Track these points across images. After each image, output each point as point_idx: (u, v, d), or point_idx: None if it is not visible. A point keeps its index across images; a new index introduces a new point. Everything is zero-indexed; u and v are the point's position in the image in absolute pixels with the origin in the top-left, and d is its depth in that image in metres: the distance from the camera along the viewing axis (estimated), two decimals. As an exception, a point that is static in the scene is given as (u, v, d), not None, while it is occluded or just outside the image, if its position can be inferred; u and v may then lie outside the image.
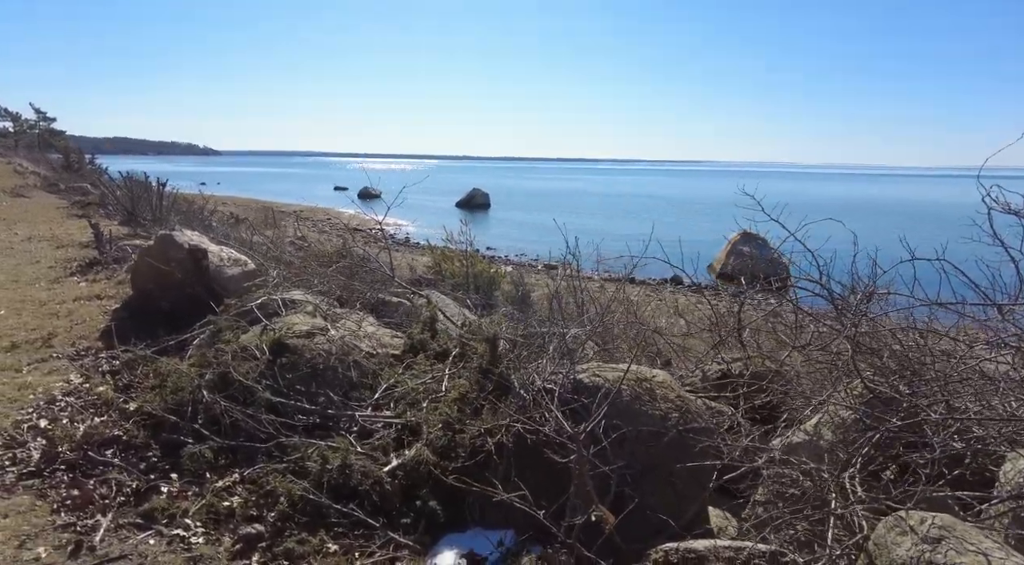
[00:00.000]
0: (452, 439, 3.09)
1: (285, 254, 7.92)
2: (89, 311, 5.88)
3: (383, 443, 3.31)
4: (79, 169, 27.76)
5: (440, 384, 3.91)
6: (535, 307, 13.25)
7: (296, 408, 3.62)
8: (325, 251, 8.72)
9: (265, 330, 4.34)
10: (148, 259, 5.68)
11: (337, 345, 4.17)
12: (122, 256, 8.15)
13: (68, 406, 3.86)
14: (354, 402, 3.82)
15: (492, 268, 14.92)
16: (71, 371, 4.39)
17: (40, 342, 4.94)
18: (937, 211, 51.81)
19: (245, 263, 5.84)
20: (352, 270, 7.47)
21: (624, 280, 8.58)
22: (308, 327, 4.43)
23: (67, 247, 10.02)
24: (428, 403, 3.62)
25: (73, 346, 4.90)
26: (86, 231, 11.65)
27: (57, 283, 7.28)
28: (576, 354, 3.34)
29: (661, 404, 3.09)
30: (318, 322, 4.60)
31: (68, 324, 5.43)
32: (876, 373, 3.06)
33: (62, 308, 5.96)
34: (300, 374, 3.84)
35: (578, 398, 3.01)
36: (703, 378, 4.01)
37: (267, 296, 4.86)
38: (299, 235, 13.20)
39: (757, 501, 2.85)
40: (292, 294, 5.09)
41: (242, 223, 17.56)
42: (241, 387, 3.69)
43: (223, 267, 5.66)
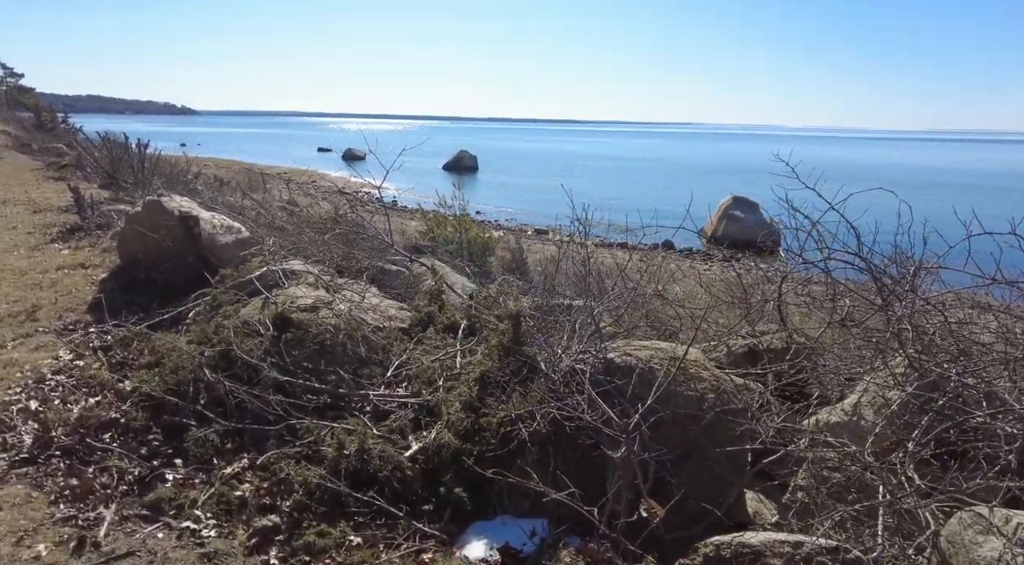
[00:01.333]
0: (475, 422, 2.92)
1: (277, 220, 7.60)
2: (74, 281, 5.58)
3: (400, 425, 3.13)
4: (52, 128, 26.69)
5: (454, 360, 3.73)
6: (532, 274, 13.07)
7: (305, 387, 3.41)
8: (319, 217, 8.41)
9: (267, 304, 4.10)
10: (136, 227, 5.36)
11: (344, 319, 3.95)
12: (105, 222, 7.78)
13: (59, 385, 3.62)
14: (365, 380, 3.62)
15: (486, 233, 14.66)
16: (60, 347, 4.14)
17: (24, 315, 4.66)
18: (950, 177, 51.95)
19: (239, 230, 5.55)
20: (349, 237, 7.21)
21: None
22: (312, 300, 4.20)
23: (45, 212, 9.58)
24: (444, 381, 3.44)
25: (60, 320, 4.63)
26: (64, 195, 11.17)
27: (37, 251, 6.93)
28: (601, 329, 3.15)
29: (696, 384, 2.93)
30: (322, 294, 4.36)
31: (53, 295, 5.14)
32: (922, 351, 2.92)
33: (45, 278, 5.65)
34: (307, 351, 3.63)
35: (610, 379, 2.84)
36: (728, 353, 3.87)
37: (266, 266, 4.60)
38: (287, 199, 12.78)
39: (799, 486, 2.73)
40: (291, 264, 4.83)
41: (227, 186, 17.05)
42: (245, 365, 3.47)
43: (216, 235, 5.36)
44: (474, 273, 8.67)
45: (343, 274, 5.71)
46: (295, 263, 4.88)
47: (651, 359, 2.97)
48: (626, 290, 4.28)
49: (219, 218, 5.62)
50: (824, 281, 3.73)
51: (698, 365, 3.07)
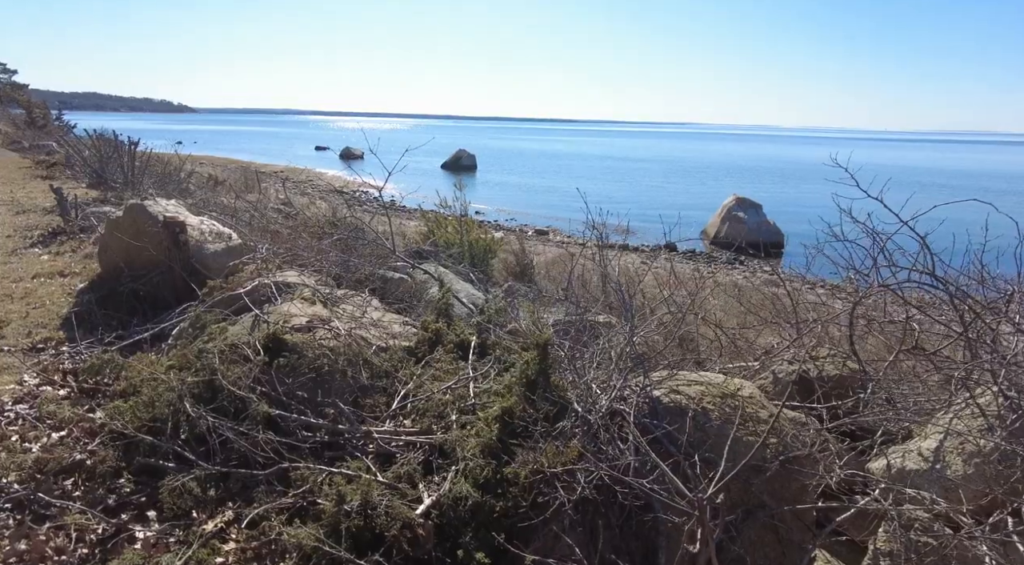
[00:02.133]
0: (498, 471, 2.49)
1: (272, 223, 7.15)
2: (50, 292, 5.13)
3: (409, 470, 2.70)
4: (44, 126, 26.13)
5: (467, 387, 3.31)
6: (538, 279, 12.62)
7: (300, 423, 2.98)
8: (316, 220, 7.96)
9: (257, 323, 3.67)
10: (117, 233, 4.92)
11: (344, 341, 3.52)
12: (90, 225, 7.33)
13: (19, 418, 3.18)
14: (367, 412, 3.19)
15: (488, 235, 14.19)
16: (25, 370, 3.69)
17: (-9, 331, 4.22)
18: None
19: (229, 237, 5.10)
20: (348, 243, 6.77)
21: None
22: (307, 318, 3.76)
23: (29, 213, 9.12)
24: (458, 415, 3.01)
25: (29, 337, 4.18)
26: (50, 195, 10.70)
27: (15, 256, 6.47)
28: (645, 360, 2.72)
29: (755, 426, 2.51)
30: (319, 311, 3.93)
31: (24, 308, 4.69)
32: (1011, 386, 2.51)
33: (18, 287, 5.20)
34: (302, 379, 3.19)
35: (658, 423, 2.42)
36: (774, 381, 3.45)
37: (258, 279, 4.16)
38: (283, 199, 12.32)
39: (880, 550, 2.32)
40: (286, 276, 4.39)
41: (221, 185, 16.57)
42: (232, 396, 3.04)
43: (204, 243, 4.92)
44: (477, 278, 8.25)
45: (341, 283, 5.28)
46: (290, 274, 4.44)
47: (702, 397, 2.55)
48: (677, 313, 3.84)
49: (208, 223, 5.17)
50: (885, 301, 3.32)
51: (754, 402, 2.65)
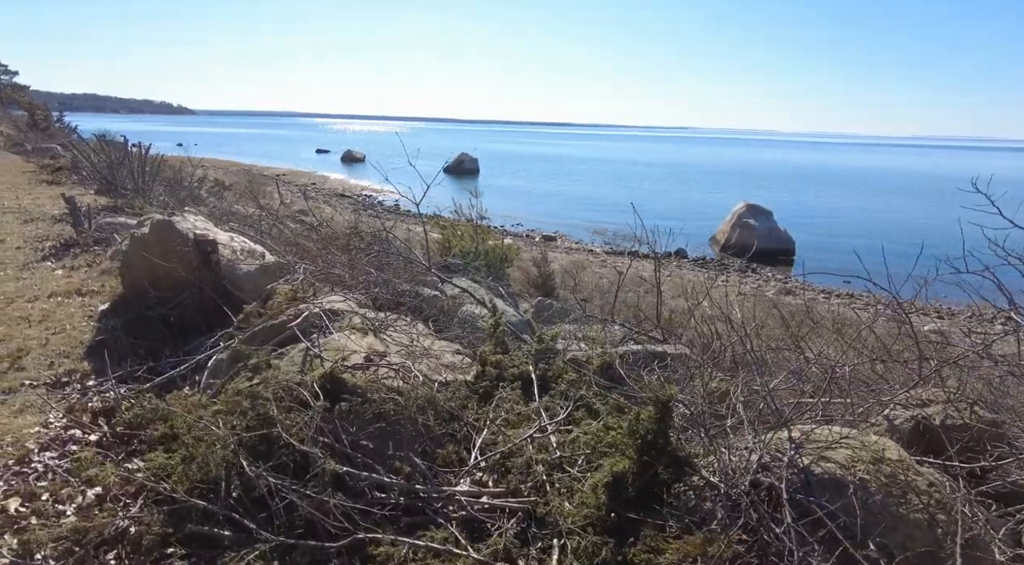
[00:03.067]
0: (617, 553, 2.11)
1: (297, 236, 6.77)
2: (69, 314, 4.73)
3: (506, 544, 2.32)
4: (47, 128, 25.69)
5: (546, 434, 2.94)
6: (560, 291, 12.24)
7: (372, 482, 2.60)
8: (341, 231, 7.58)
9: (308, 358, 3.29)
10: (142, 251, 4.53)
11: (408, 379, 3.15)
12: (104, 237, 6.93)
13: (48, 471, 2.79)
14: (440, 465, 2.82)
15: (503, 243, 13.81)
16: (50, 409, 3.30)
17: (8, 361, 3.82)
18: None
19: (262, 256, 4.72)
20: (381, 259, 6.41)
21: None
22: (364, 351, 3.39)
23: (37, 221, 8.72)
24: (547, 472, 2.63)
25: (51, 368, 3.79)
26: (58, 201, 10.30)
27: (27, 270, 6.07)
28: (788, 420, 2.34)
29: (918, 500, 2.15)
30: (374, 343, 3.55)
31: (43, 334, 4.30)
32: None
33: (35, 309, 4.81)
34: (368, 428, 2.82)
35: (815, 499, 2.05)
36: (890, 429, 3.10)
37: (306, 311, 3.77)
38: (297, 208, 11.94)
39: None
40: (331, 301, 4.00)
41: (228, 190, 16.17)
42: (291, 449, 2.66)
43: (236, 262, 4.54)
44: (507, 293, 7.88)
45: (377, 304, 4.92)
46: (335, 299, 4.06)
47: (854, 464, 2.18)
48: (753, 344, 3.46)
49: (239, 241, 4.79)
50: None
51: (905, 466, 2.29)
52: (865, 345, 3.59)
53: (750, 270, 21.17)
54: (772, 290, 17.85)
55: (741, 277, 19.95)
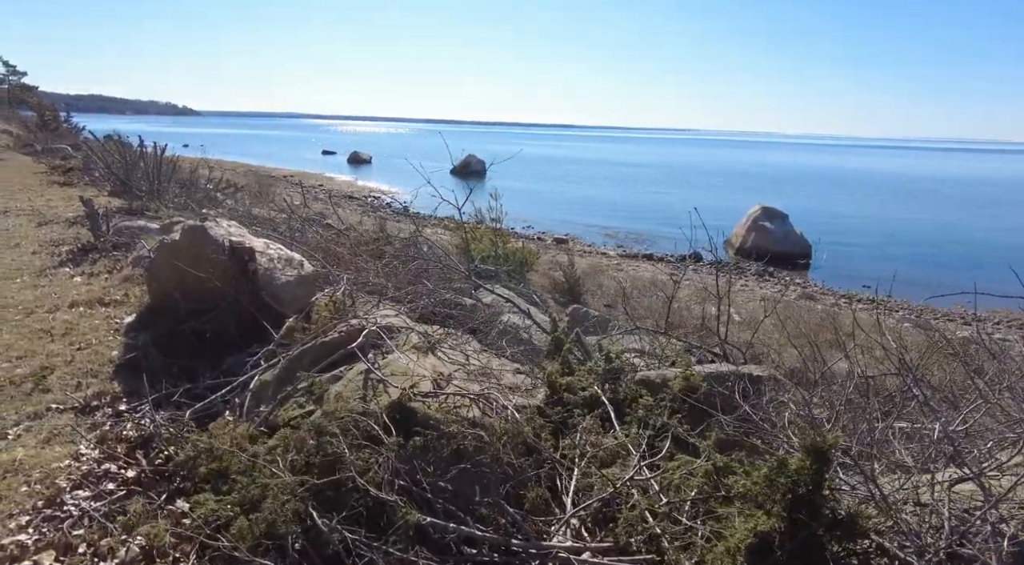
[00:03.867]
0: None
1: (325, 241, 6.42)
2: (93, 326, 4.38)
3: (629, 614, 1.97)
4: (56, 128, 25.40)
5: (644, 473, 2.58)
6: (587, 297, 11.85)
7: (460, 536, 2.24)
8: (369, 236, 7.24)
9: (372, 383, 2.93)
10: (172, 259, 4.18)
11: (487, 408, 2.79)
12: (123, 242, 6.59)
13: (85, 515, 2.43)
14: (529, 509, 2.46)
15: (525, 247, 13.46)
16: (81, 439, 2.95)
17: (31, 382, 3.46)
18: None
19: (300, 264, 4.37)
20: (418, 265, 6.06)
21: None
22: (429, 373, 3.03)
23: (52, 224, 8.38)
24: (662, 525, 2.27)
25: (79, 390, 3.43)
26: (72, 203, 9.98)
27: (44, 277, 5.73)
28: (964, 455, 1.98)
29: None
30: (437, 365, 3.19)
31: (68, 350, 3.94)
32: None
33: (56, 321, 4.46)
34: (449, 469, 2.45)
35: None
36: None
37: (357, 321, 3.41)
38: (317, 212, 11.59)
39: None
40: (383, 315, 3.64)
41: (240, 191, 15.84)
42: (363, 493, 2.30)
43: (274, 270, 4.18)
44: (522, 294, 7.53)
45: (418, 315, 4.57)
46: (387, 313, 3.69)
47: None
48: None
49: (275, 248, 4.44)
50: None
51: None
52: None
53: (767, 274, 20.78)
54: (793, 295, 17.47)
55: (759, 281, 19.57)
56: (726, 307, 5.05)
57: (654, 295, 13.22)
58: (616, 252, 22.87)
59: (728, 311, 6.07)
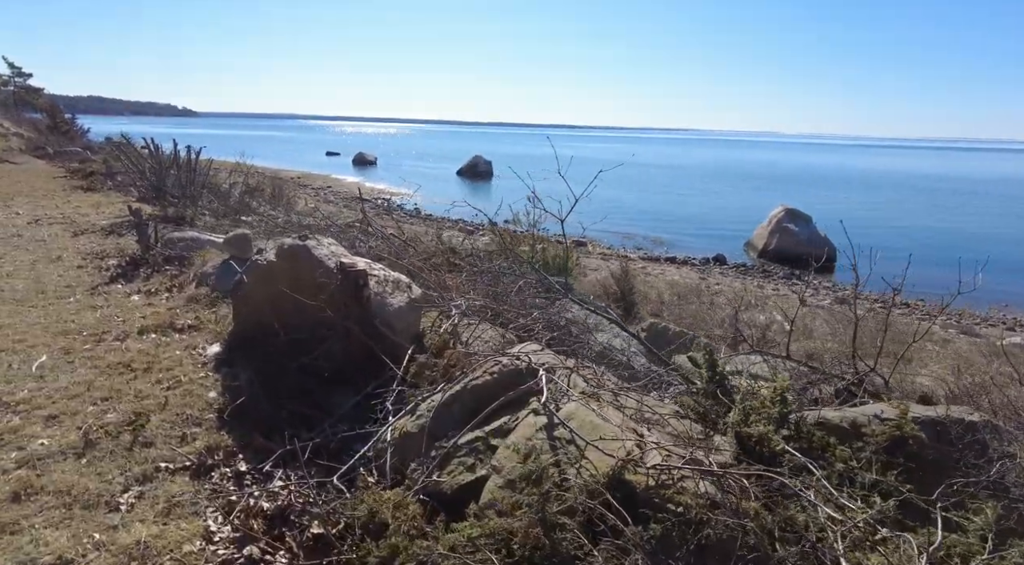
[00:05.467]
0: None
1: (398, 254, 5.91)
2: (175, 358, 3.85)
3: None
4: (67, 131, 24.83)
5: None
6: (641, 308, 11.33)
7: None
8: (438, 249, 6.72)
9: (561, 443, 2.41)
10: (268, 283, 3.66)
11: (704, 478, 2.28)
12: (176, 255, 6.06)
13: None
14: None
15: (564, 253, 12.97)
16: (207, 512, 2.43)
17: (128, 433, 2.93)
18: (945, 185, 50.73)
19: (408, 286, 3.85)
20: (493, 276, 5.57)
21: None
22: (623, 429, 2.51)
23: (88, 234, 7.85)
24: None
25: (185, 443, 2.91)
26: (101, 209, 9.47)
27: (98, 295, 5.20)
28: None
29: None
30: (625, 420, 2.67)
31: (156, 389, 3.42)
32: None
33: (132, 351, 3.92)
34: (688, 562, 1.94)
35: None
36: None
37: (508, 357, 2.89)
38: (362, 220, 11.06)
39: None
40: (529, 350, 3.11)
41: (259, 193, 15.32)
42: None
43: (384, 294, 3.66)
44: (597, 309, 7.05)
45: (512, 330, 4.08)
46: (531, 348, 3.16)
47: None
48: None
49: (379, 268, 3.92)
50: None
51: None
52: None
53: (795, 277, 20.32)
54: (827, 300, 16.99)
55: (789, 285, 19.09)
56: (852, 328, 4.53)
57: (694, 302, 12.70)
58: (638, 255, 22.37)
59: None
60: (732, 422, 2.96)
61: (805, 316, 12.95)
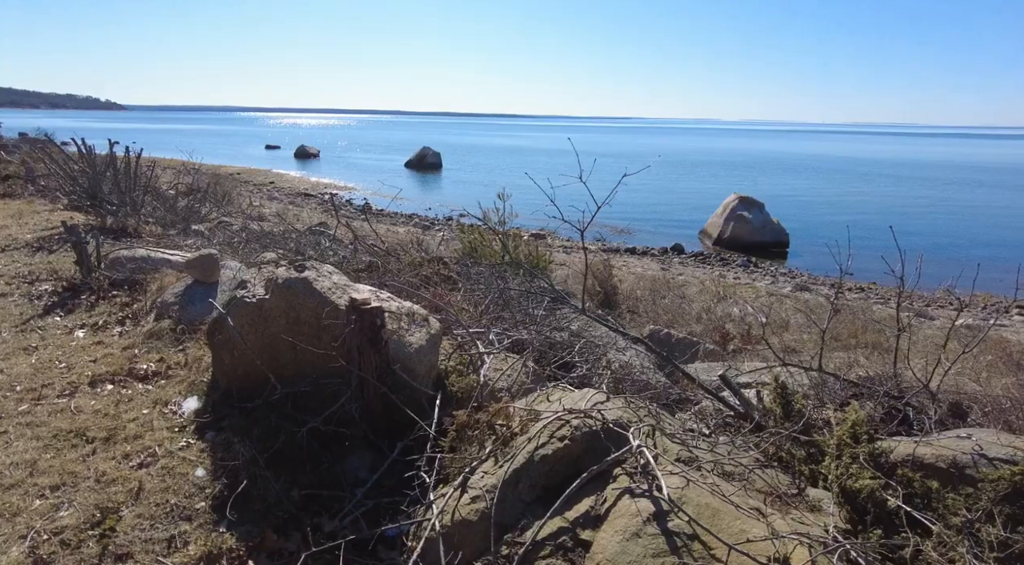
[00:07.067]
0: None
1: (389, 269, 5.23)
2: (143, 420, 3.09)
3: None
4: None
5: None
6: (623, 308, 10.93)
7: None
8: (413, 260, 6.07)
9: (681, 539, 1.89)
10: (260, 325, 2.97)
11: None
12: (125, 278, 5.18)
13: None
14: None
15: (538, 251, 12.47)
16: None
17: (93, 538, 2.22)
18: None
19: (425, 319, 3.23)
20: (501, 292, 5.03)
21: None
22: (737, 507, 2.01)
23: (10, 251, 6.78)
24: None
25: (172, 548, 2.22)
26: (23, 219, 8.32)
27: (31, 332, 4.32)
28: None
29: None
30: (728, 491, 2.17)
31: (124, 468, 2.68)
32: None
33: (84, 411, 3.14)
34: None
35: None
36: None
37: (580, 418, 2.34)
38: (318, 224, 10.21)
39: None
40: (597, 401, 2.56)
41: (211, 197, 14.14)
42: None
43: (401, 332, 3.04)
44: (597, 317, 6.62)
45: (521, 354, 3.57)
46: (596, 397, 2.61)
47: None
48: None
49: (386, 297, 3.27)
50: None
51: None
52: None
53: (751, 265, 20.56)
54: (787, 287, 17.15)
55: (748, 273, 19.24)
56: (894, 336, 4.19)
57: (666, 295, 12.42)
58: (597, 247, 22.10)
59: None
60: (835, 475, 2.52)
61: (773, 305, 12.91)
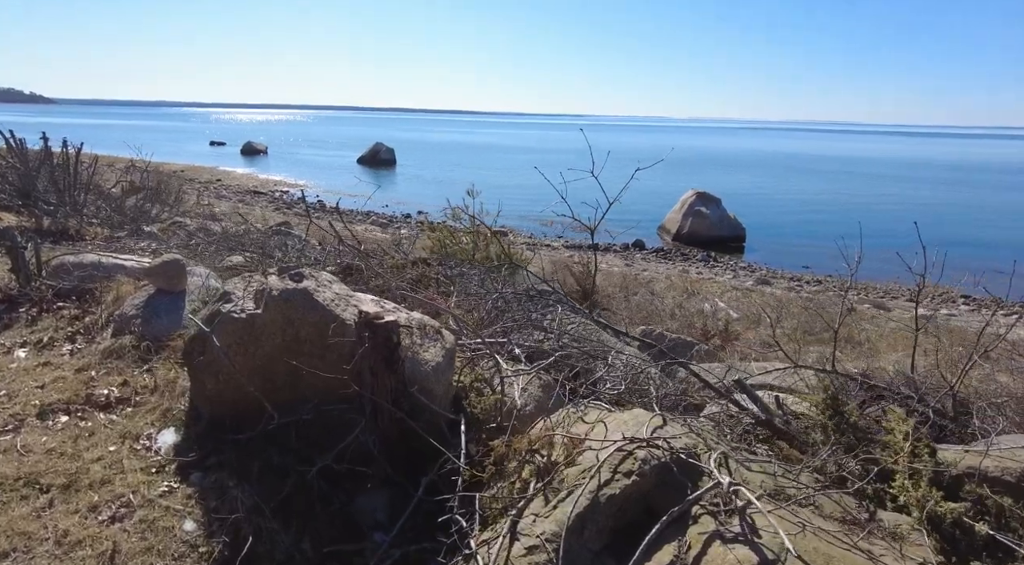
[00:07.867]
0: None
1: (372, 270, 4.79)
2: (110, 459, 2.60)
3: None
4: None
5: None
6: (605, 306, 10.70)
7: None
8: (399, 263, 5.63)
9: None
10: (251, 344, 2.53)
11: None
12: (73, 287, 4.56)
13: None
14: None
15: (512, 249, 12.15)
16: None
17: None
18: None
19: (438, 332, 2.85)
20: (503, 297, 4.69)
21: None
22: (847, 550, 1.74)
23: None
24: None
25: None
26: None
27: (-37, 353, 3.70)
28: None
29: None
30: (831, 528, 1.90)
31: (93, 525, 2.20)
32: None
33: (36, 450, 2.62)
34: None
35: None
36: None
37: (643, 448, 2.01)
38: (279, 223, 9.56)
39: None
40: (658, 427, 2.25)
41: (146, 193, 13.19)
42: None
43: (416, 348, 2.65)
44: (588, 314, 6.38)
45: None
46: (654, 421, 2.30)
47: None
48: None
49: (392, 308, 2.88)
50: None
51: None
52: None
53: (712, 259, 20.88)
54: (749, 281, 17.37)
55: (709, 268, 19.45)
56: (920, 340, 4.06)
57: (638, 292, 12.30)
58: (561, 243, 21.91)
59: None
60: (915, 497, 2.30)
61: (740, 300, 12.98)
